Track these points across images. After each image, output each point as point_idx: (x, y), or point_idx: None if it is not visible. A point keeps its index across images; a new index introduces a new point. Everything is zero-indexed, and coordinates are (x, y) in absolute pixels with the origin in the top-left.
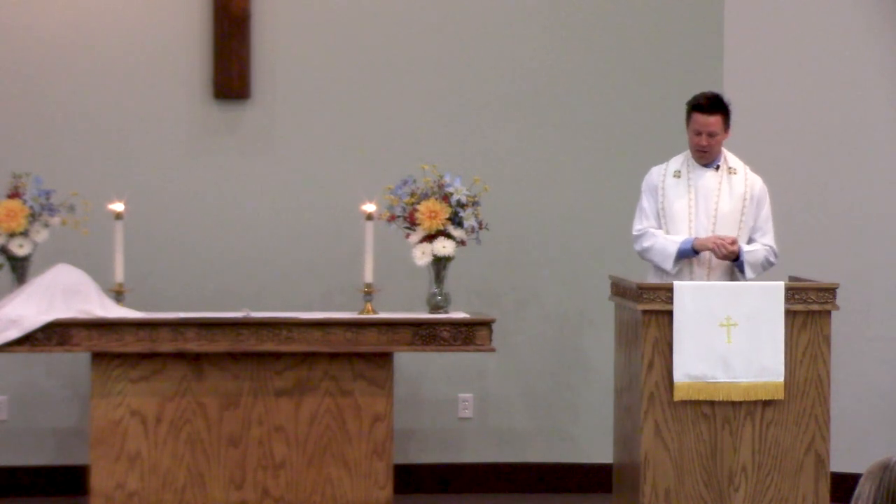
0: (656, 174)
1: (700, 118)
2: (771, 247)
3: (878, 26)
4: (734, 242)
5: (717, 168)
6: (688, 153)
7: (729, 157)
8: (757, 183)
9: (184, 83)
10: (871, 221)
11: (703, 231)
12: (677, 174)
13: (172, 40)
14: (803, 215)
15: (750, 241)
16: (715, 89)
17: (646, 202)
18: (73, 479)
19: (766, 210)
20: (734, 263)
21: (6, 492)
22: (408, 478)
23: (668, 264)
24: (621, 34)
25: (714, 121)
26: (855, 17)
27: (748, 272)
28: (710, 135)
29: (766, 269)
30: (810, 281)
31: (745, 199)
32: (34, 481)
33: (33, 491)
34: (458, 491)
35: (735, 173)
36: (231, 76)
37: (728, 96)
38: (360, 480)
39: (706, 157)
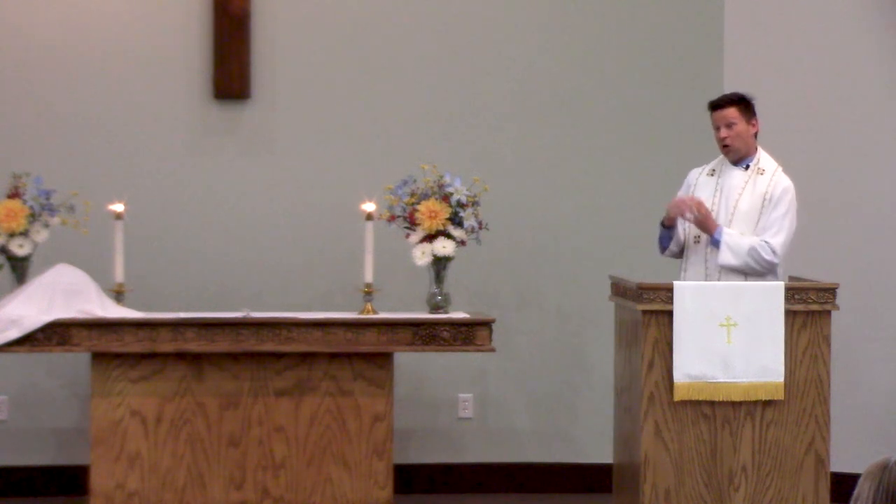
0: (694, 173)
1: (715, 114)
2: (767, 242)
3: (878, 26)
4: (700, 205)
5: (747, 168)
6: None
7: (763, 158)
8: (781, 183)
9: (184, 83)
10: (872, 221)
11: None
12: (712, 173)
13: (172, 40)
14: (803, 215)
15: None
16: (715, 89)
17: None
18: (73, 479)
19: (781, 210)
20: (711, 240)
21: (6, 492)
22: (408, 478)
23: (659, 248)
24: (621, 34)
25: (728, 113)
26: (855, 17)
27: (724, 255)
28: (728, 125)
29: (756, 262)
30: (810, 281)
31: (764, 199)
32: (34, 481)
33: (33, 491)
34: (458, 491)
35: (762, 173)
36: (231, 76)
37: None
38: (360, 480)
39: (731, 150)
